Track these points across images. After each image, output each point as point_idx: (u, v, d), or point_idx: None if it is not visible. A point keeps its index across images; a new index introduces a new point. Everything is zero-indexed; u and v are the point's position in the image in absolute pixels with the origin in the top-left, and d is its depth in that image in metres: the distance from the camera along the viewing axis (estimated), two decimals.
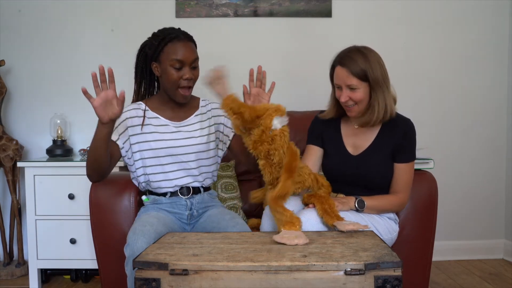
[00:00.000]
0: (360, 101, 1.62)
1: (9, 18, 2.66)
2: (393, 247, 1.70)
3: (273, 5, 2.68)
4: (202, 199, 1.78)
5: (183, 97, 1.71)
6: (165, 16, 2.65)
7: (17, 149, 2.50)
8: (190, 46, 1.70)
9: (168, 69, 1.67)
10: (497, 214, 2.81)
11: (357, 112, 1.65)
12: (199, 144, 1.75)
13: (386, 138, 1.68)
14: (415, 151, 1.69)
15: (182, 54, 1.66)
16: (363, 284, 1.14)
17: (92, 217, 1.80)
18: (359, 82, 1.59)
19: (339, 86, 1.65)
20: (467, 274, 2.51)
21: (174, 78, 1.67)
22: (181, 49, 1.66)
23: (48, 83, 2.69)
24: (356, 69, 1.59)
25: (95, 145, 1.60)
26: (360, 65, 1.59)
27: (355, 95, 1.61)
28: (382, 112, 1.62)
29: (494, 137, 2.79)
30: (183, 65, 1.67)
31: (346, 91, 1.62)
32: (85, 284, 2.45)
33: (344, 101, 1.63)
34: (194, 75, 1.71)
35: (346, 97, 1.62)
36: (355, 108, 1.64)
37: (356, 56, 1.60)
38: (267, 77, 1.73)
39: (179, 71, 1.67)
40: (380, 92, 1.61)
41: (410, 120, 1.70)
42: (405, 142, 1.66)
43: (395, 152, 1.67)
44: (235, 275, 1.15)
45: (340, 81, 1.63)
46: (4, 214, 2.63)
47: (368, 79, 1.59)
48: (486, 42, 2.76)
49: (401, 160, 1.67)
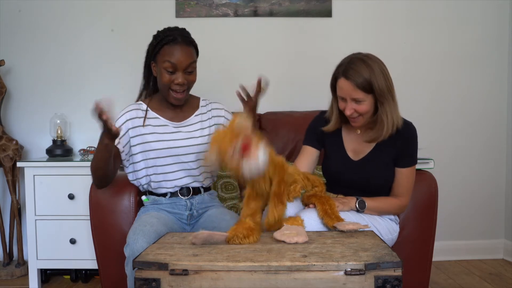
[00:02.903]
0: (365, 113, 1.59)
1: (9, 18, 2.66)
2: (393, 247, 1.70)
3: (273, 5, 2.68)
4: (202, 200, 1.78)
5: (174, 99, 1.70)
6: (165, 16, 2.65)
7: (17, 149, 2.50)
8: (187, 50, 1.67)
9: (161, 71, 1.67)
10: (497, 214, 2.81)
11: (361, 123, 1.63)
12: (200, 145, 1.74)
13: (388, 144, 1.65)
14: (416, 156, 1.68)
15: (176, 58, 1.65)
16: (363, 284, 1.14)
17: (92, 217, 1.80)
18: (364, 95, 1.55)
19: (343, 98, 1.61)
20: (467, 274, 2.51)
21: (165, 81, 1.66)
22: (176, 53, 1.65)
23: (48, 83, 2.68)
24: (361, 81, 1.53)
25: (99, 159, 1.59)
26: (365, 76, 1.53)
27: (360, 108, 1.57)
28: (391, 126, 1.59)
29: (494, 137, 2.79)
30: (176, 70, 1.66)
31: (351, 103, 1.58)
32: (85, 284, 2.45)
33: (349, 113, 1.60)
34: (188, 80, 1.69)
35: (351, 109, 1.58)
36: (360, 119, 1.61)
37: (359, 68, 1.54)
38: (267, 77, 1.72)
39: (171, 75, 1.66)
40: (387, 104, 1.57)
41: (412, 124, 1.67)
42: (407, 147, 1.65)
43: (396, 157, 1.65)
44: (235, 275, 1.15)
45: (345, 94, 1.58)
46: (4, 214, 2.63)
47: (373, 91, 1.55)
48: (486, 42, 2.76)
49: (403, 164, 1.66)
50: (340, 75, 1.58)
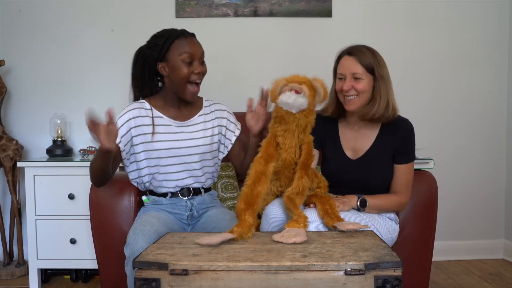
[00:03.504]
0: (362, 92, 1.60)
1: (9, 18, 2.66)
2: (393, 247, 1.70)
3: (273, 5, 2.68)
4: (202, 200, 1.78)
5: (192, 94, 1.70)
6: (165, 16, 2.65)
7: (17, 149, 2.50)
8: (196, 41, 1.71)
9: (178, 65, 1.66)
10: (497, 214, 2.81)
11: (357, 106, 1.63)
12: (203, 145, 1.74)
13: (385, 140, 1.67)
14: (414, 152, 1.69)
15: (192, 48, 1.66)
16: (363, 284, 1.14)
17: (92, 217, 1.80)
18: (364, 72, 1.59)
19: (342, 77, 1.63)
20: (467, 274, 2.51)
21: (185, 73, 1.66)
22: (189, 44, 1.67)
23: (48, 83, 2.68)
24: (364, 59, 1.60)
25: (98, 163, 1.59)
26: (368, 58, 1.60)
27: (358, 85, 1.60)
28: (384, 106, 1.61)
29: (494, 137, 2.79)
30: (193, 59, 1.67)
31: (350, 80, 1.61)
32: (85, 284, 2.45)
33: (346, 89, 1.61)
34: (203, 70, 1.71)
35: (349, 85, 1.61)
36: (356, 100, 1.62)
37: (366, 51, 1.62)
38: (267, 77, 1.72)
39: (189, 66, 1.66)
40: (384, 86, 1.61)
41: (408, 121, 1.69)
42: (405, 143, 1.66)
43: (395, 154, 1.66)
44: (235, 275, 1.15)
45: (345, 69, 1.62)
46: (4, 214, 2.63)
47: (374, 73, 1.60)
48: (486, 42, 2.76)
49: (401, 161, 1.66)
50: (344, 53, 1.65)
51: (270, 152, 1.50)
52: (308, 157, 1.51)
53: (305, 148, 1.52)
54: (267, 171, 1.47)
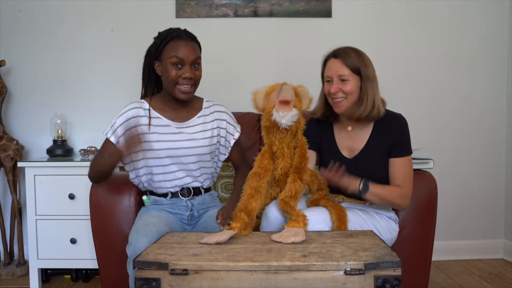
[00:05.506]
0: (350, 93, 1.62)
1: (9, 18, 2.66)
2: (393, 247, 1.70)
3: (273, 5, 2.68)
4: (203, 200, 1.78)
5: (182, 92, 1.68)
6: (165, 16, 2.65)
7: (18, 149, 2.51)
8: (192, 45, 1.68)
9: (168, 67, 1.66)
10: (497, 214, 2.81)
11: (345, 108, 1.64)
12: (202, 147, 1.74)
13: (380, 136, 1.67)
14: (410, 145, 1.68)
15: (182, 53, 1.65)
16: (363, 284, 1.14)
17: (92, 217, 1.80)
18: (351, 73, 1.61)
19: (329, 79, 1.65)
20: (466, 274, 2.51)
21: (172, 76, 1.66)
22: (182, 48, 1.66)
23: (48, 83, 2.69)
24: (350, 61, 1.61)
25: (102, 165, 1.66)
26: (354, 59, 1.62)
27: (345, 87, 1.62)
28: (370, 106, 1.62)
29: (494, 137, 2.79)
30: (183, 64, 1.66)
31: (337, 82, 1.63)
32: (85, 284, 2.45)
33: (334, 91, 1.63)
34: (195, 75, 1.69)
35: (336, 88, 1.62)
36: (344, 102, 1.63)
37: (351, 52, 1.63)
38: (267, 77, 1.73)
39: (178, 70, 1.66)
40: (370, 86, 1.63)
41: (401, 115, 1.69)
42: (399, 137, 1.66)
43: (390, 149, 1.66)
44: (235, 275, 1.15)
45: (332, 72, 1.64)
46: (5, 214, 2.63)
47: (360, 74, 1.61)
48: (486, 42, 2.76)
49: (396, 154, 1.65)
50: (330, 56, 1.67)
51: (264, 166, 1.52)
52: (301, 160, 1.53)
53: (298, 152, 1.54)
54: (260, 188, 1.49)
